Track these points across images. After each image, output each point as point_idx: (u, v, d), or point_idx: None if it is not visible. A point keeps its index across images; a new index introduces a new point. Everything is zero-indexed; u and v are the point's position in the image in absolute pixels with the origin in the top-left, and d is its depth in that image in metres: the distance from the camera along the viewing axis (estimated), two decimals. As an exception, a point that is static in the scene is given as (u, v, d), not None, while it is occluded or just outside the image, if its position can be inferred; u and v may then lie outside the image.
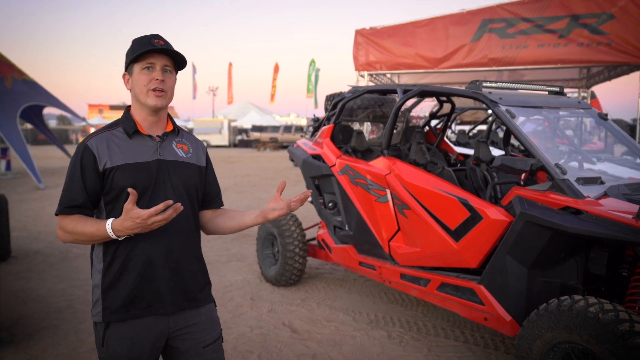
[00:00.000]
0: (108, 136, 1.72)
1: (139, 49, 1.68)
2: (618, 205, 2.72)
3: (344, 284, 5.12)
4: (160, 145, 1.76)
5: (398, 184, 3.66)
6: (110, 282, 1.70)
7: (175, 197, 1.74)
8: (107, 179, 1.67)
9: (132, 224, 1.52)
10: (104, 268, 1.71)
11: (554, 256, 2.90)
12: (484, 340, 3.76)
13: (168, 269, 1.73)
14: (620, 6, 9.95)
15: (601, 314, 2.36)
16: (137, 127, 1.74)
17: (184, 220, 1.77)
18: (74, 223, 1.64)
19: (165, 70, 1.73)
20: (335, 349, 3.67)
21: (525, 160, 2.91)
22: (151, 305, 1.72)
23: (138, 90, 1.71)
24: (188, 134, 1.93)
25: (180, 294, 1.77)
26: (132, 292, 1.69)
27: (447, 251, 3.36)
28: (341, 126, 4.84)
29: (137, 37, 1.76)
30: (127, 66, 1.75)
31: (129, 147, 1.71)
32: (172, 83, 1.76)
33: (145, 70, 1.70)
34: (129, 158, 1.69)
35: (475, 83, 3.45)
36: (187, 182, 1.79)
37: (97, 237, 1.62)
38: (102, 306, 1.70)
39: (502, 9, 10.50)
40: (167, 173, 1.74)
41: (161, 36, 1.75)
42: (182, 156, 1.81)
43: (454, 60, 10.82)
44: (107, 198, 1.70)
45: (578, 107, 3.71)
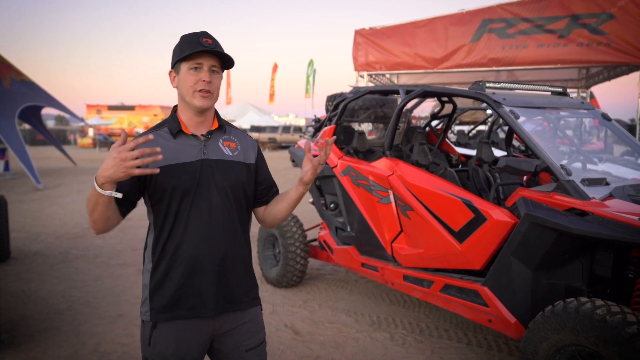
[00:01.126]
0: (155, 137, 1.69)
1: (187, 49, 1.65)
2: (624, 206, 2.70)
3: (346, 285, 5.10)
4: (204, 145, 1.73)
5: (401, 185, 3.64)
6: (157, 282, 1.70)
7: (219, 196, 1.70)
8: (151, 180, 1.65)
9: (108, 160, 1.40)
10: (152, 267, 1.72)
11: (559, 258, 2.89)
12: (487, 342, 3.74)
13: (212, 271, 1.70)
14: (620, 6, 9.94)
15: (608, 316, 2.34)
16: (182, 127, 1.71)
17: (228, 221, 1.74)
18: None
19: (213, 70, 1.70)
20: (338, 351, 3.65)
21: (530, 161, 2.89)
22: (194, 308, 1.70)
23: (184, 90, 1.69)
24: (237, 130, 1.88)
25: (223, 297, 1.74)
26: (176, 294, 1.69)
27: (450, 252, 3.34)
28: (343, 127, 4.82)
29: (186, 34, 1.72)
30: (174, 64, 1.71)
31: (173, 147, 1.69)
32: (218, 84, 1.73)
33: (193, 71, 1.67)
34: (173, 159, 1.66)
35: (479, 83, 3.44)
36: (232, 181, 1.75)
37: (94, 197, 1.49)
38: (150, 305, 1.70)
39: (502, 9, 10.49)
40: (210, 173, 1.70)
41: (210, 34, 1.71)
42: (228, 154, 1.77)
43: (454, 61, 10.82)
44: (153, 200, 1.69)
45: (581, 108, 3.69)
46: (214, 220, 1.70)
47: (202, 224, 1.68)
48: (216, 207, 1.70)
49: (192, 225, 1.68)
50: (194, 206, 1.67)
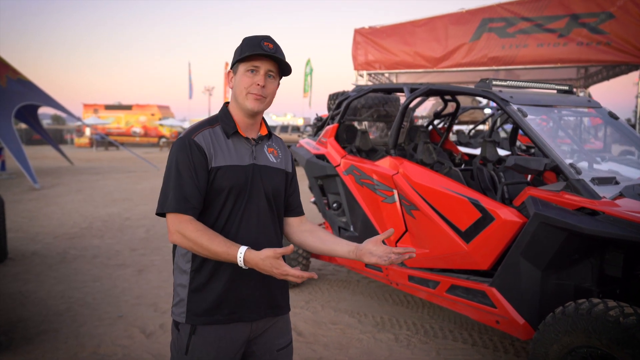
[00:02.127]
0: (211, 133, 1.68)
1: (247, 51, 1.64)
2: (635, 205, 2.66)
3: (348, 286, 5.05)
4: (254, 149, 1.73)
5: (406, 184, 3.59)
6: (198, 284, 1.67)
7: (265, 202, 1.71)
8: (210, 178, 1.64)
9: (267, 269, 1.48)
10: (193, 269, 1.68)
11: (568, 258, 2.84)
12: (492, 343, 3.70)
13: (257, 276, 1.68)
14: (619, 5, 9.91)
15: (622, 317, 2.30)
16: (237, 128, 1.70)
17: (272, 226, 1.75)
18: (198, 234, 1.56)
19: (269, 75, 1.68)
20: (342, 352, 3.60)
21: (539, 160, 2.85)
22: (235, 312, 1.68)
23: (238, 91, 1.68)
24: (277, 137, 1.89)
25: (266, 302, 1.74)
26: (218, 298, 1.66)
27: (457, 253, 3.29)
28: (345, 125, 4.77)
29: (249, 36, 1.71)
30: (233, 64, 1.71)
31: (229, 147, 1.68)
32: (273, 89, 1.71)
33: (249, 73, 1.66)
34: (230, 159, 1.66)
35: (485, 81, 3.39)
36: (276, 188, 1.76)
37: (220, 257, 1.55)
38: (187, 307, 1.67)
39: (502, 8, 10.47)
40: (259, 178, 1.71)
41: (272, 39, 1.70)
42: (273, 161, 1.77)
43: (454, 60, 10.80)
44: (207, 199, 1.66)
45: (588, 106, 3.65)
46: (262, 224, 1.71)
47: (252, 227, 1.69)
48: (263, 211, 1.71)
49: (243, 228, 1.67)
50: (246, 209, 1.66)
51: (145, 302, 4.56)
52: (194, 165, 1.61)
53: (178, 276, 1.73)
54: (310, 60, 27.24)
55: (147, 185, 13.23)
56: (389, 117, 5.23)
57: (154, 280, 5.21)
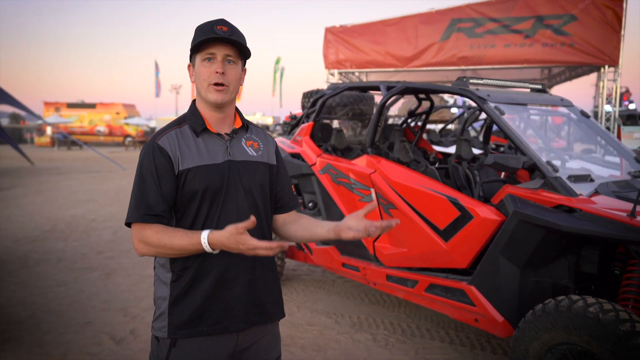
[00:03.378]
0: (177, 134, 1.58)
1: (199, 38, 1.53)
2: (611, 203, 2.70)
3: (323, 286, 5.00)
4: (229, 144, 1.61)
5: (383, 183, 3.56)
6: (179, 294, 1.56)
7: (246, 199, 1.60)
8: (179, 182, 1.54)
9: (233, 246, 1.39)
10: (173, 279, 1.57)
11: (546, 255, 2.86)
12: (469, 341, 3.71)
13: (243, 281, 1.60)
14: (581, 8, 10.18)
15: (601, 314, 2.32)
16: (206, 124, 1.59)
17: (257, 226, 1.61)
18: (158, 235, 1.48)
19: (228, 61, 1.56)
20: (320, 354, 3.54)
21: (518, 158, 2.86)
22: (220, 322, 1.58)
23: (199, 84, 1.57)
24: (257, 128, 1.77)
25: (253, 308, 1.63)
26: (201, 307, 1.56)
27: (435, 251, 3.28)
28: (320, 124, 4.71)
29: (201, 23, 1.59)
30: (190, 57, 1.60)
31: (198, 147, 1.57)
32: (235, 75, 1.58)
33: (206, 62, 1.55)
34: (201, 159, 1.55)
35: (462, 79, 3.39)
36: (258, 183, 1.65)
37: (187, 250, 1.47)
38: (168, 320, 1.56)
39: (470, 9, 10.60)
40: (237, 175, 1.59)
41: (226, 21, 1.57)
42: (252, 155, 1.66)
43: (424, 59, 10.87)
44: (179, 204, 1.56)
45: (561, 105, 3.70)
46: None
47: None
48: (244, 210, 1.59)
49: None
50: (223, 210, 1.56)
51: (114, 307, 4.39)
52: (157, 171, 1.52)
53: (158, 288, 1.62)
54: (280, 59, 27.13)
55: (112, 186, 12.86)
56: (363, 115, 5.20)
57: (123, 284, 5.03)
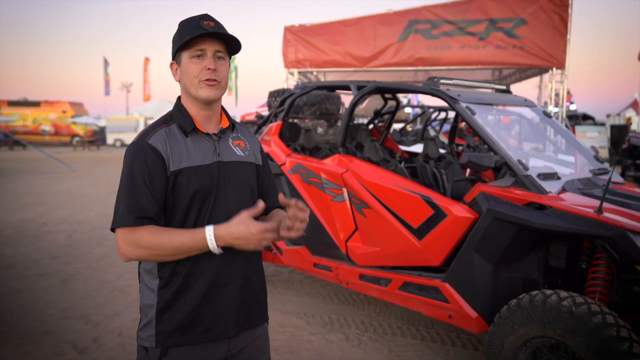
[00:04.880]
0: (167, 134, 1.52)
1: (187, 34, 1.48)
2: (578, 199, 2.80)
3: (291, 287, 4.96)
4: (217, 144, 1.58)
5: (356, 182, 3.57)
6: (167, 303, 1.51)
7: (236, 201, 1.57)
8: (170, 183, 1.49)
9: (244, 234, 1.36)
10: (161, 286, 1.51)
11: (518, 251, 2.94)
12: (440, 337, 3.77)
13: (235, 285, 1.56)
14: (530, 12, 10.60)
15: (574, 307, 2.40)
16: (195, 124, 1.55)
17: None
18: (154, 235, 1.41)
19: (218, 57, 1.53)
20: (294, 355, 3.50)
21: (490, 157, 2.93)
22: (211, 329, 1.54)
23: (188, 81, 1.52)
24: (243, 127, 1.73)
25: (243, 313, 1.60)
26: (191, 314, 1.51)
27: (409, 250, 3.31)
28: (289, 123, 4.66)
29: (184, 19, 1.55)
30: (175, 54, 1.55)
31: (188, 147, 1.52)
32: (225, 71, 1.55)
33: (196, 59, 1.50)
34: (191, 160, 1.50)
35: (433, 80, 3.44)
36: (247, 183, 1.62)
37: (188, 248, 1.42)
38: (156, 329, 1.51)
39: (427, 11, 10.81)
40: (226, 175, 1.56)
41: (211, 16, 1.54)
42: (240, 155, 1.63)
43: (382, 60, 11.00)
44: (167, 206, 1.50)
45: (525, 105, 3.82)
46: None
47: None
48: (234, 212, 1.53)
49: None
50: (213, 213, 1.52)
51: (74, 314, 4.19)
52: (149, 172, 1.46)
53: (145, 296, 1.56)
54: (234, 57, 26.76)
55: (62, 188, 12.31)
56: (330, 114, 5.20)
57: (81, 290, 4.81)
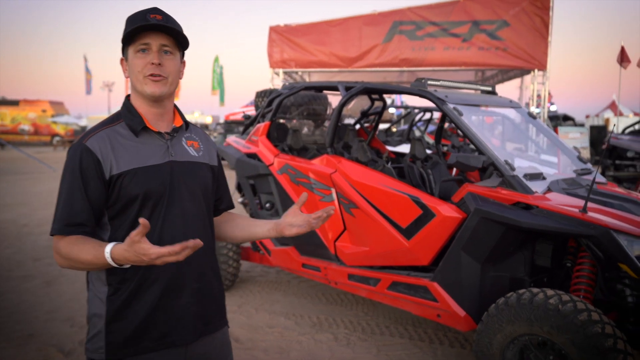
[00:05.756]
0: (110, 134, 1.46)
1: (129, 27, 1.42)
2: (563, 199, 2.86)
3: (279, 287, 4.96)
4: (170, 144, 1.52)
5: (345, 183, 3.58)
6: (117, 311, 1.44)
7: (191, 203, 1.53)
8: (113, 188, 1.42)
9: (136, 259, 1.26)
10: (110, 293, 1.45)
11: (505, 250, 2.99)
12: (428, 336, 3.81)
13: (190, 290, 1.51)
14: (512, 14, 10.75)
15: (560, 305, 2.45)
16: (145, 122, 1.49)
17: (202, 229, 1.57)
18: (69, 247, 1.37)
19: (165, 51, 1.46)
20: (283, 356, 3.51)
21: (478, 158, 2.97)
22: (166, 336, 1.48)
23: (134, 77, 1.47)
24: (197, 128, 1.68)
25: (200, 318, 1.55)
26: (144, 322, 1.45)
27: (397, 250, 3.34)
28: (276, 124, 4.66)
29: (133, 13, 1.49)
30: (123, 49, 1.50)
31: (136, 147, 1.46)
32: (173, 66, 1.48)
33: (140, 53, 1.45)
34: (139, 161, 1.44)
35: (421, 81, 3.47)
36: (202, 185, 1.58)
37: (95, 265, 1.35)
38: (106, 340, 1.45)
39: (411, 12, 10.90)
40: (180, 176, 1.51)
41: (160, 9, 1.48)
42: (194, 155, 1.58)
43: (367, 60, 11.06)
44: (112, 211, 1.45)
45: (510, 106, 3.88)
46: (189, 230, 1.51)
47: (177, 235, 1.47)
48: (189, 214, 1.52)
49: (166, 238, 1.45)
50: (167, 215, 1.47)
51: (60, 317, 4.13)
52: (82, 176, 1.41)
53: (92, 305, 1.50)
54: (218, 57, 26.63)
55: (44, 188, 12.10)
56: (317, 115, 5.22)
57: (67, 292, 4.75)
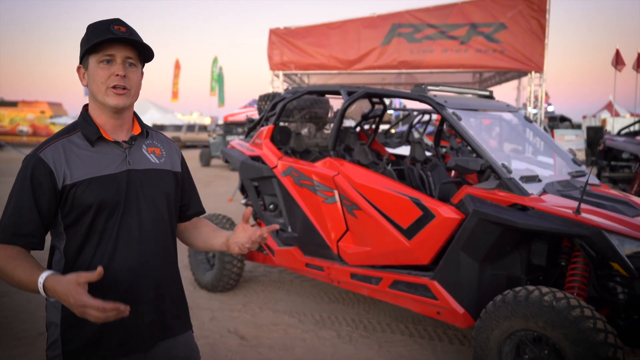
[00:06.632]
0: (65, 145, 1.47)
1: (94, 38, 1.42)
2: (557, 201, 2.98)
3: (282, 286, 5.07)
4: (128, 152, 1.53)
5: (347, 185, 3.70)
6: (71, 319, 1.42)
7: (149, 211, 1.54)
8: (67, 198, 1.44)
9: (66, 299, 1.26)
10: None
11: (502, 250, 3.11)
12: (428, 333, 3.92)
13: (147, 298, 1.52)
14: (509, 17, 10.89)
15: (555, 302, 2.56)
16: (101, 132, 1.49)
17: (161, 238, 1.58)
18: (7, 259, 1.38)
19: (129, 64, 1.48)
20: (287, 353, 3.62)
21: (476, 161, 3.09)
22: (123, 344, 1.50)
23: (95, 87, 1.46)
24: (158, 133, 1.68)
25: (158, 325, 1.57)
26: (100, 330, 1.45)
27: (399, 249, 3.45)
28: (279, 127, 4.78)
29: (94, 22, 1.50)
30: (82, 57, 1.49)
31: (92, 157, 1.47)
32: (136, 79, 1.50)
33: (104, 64, 1.45)
34: (94, 171, 1.46)
35: (421, 86, 3.59)
36: (162, 192, 1.58)
37: (26, 287, 1.36)
38: (62, 349, 1.47)
39: (410, 15, 11.03)
40: (139, 185, 1.52)
41: (122, 21, 1.49)
42: (154, 162, 1.58)
43: (366, 63, 11.17)
44: (68, 220, 1.46)
45: (507, 110, 4.00)
46: (146, 238, 1.53)
47: (133, 244, 1.50)
48: (147, 223, 1.54)
49: (121, 247, 1.48)
50: (123, 224, 1.48)
51: (68, 316, 4.23)
52: (33, 186, 1.42)
53: (49, 312, 1.52)
54: (217, 57, 26.70)
55: (45, 189, 12.18)
56: (318, 118, 5.33)
57: (74, 292, 4.84)
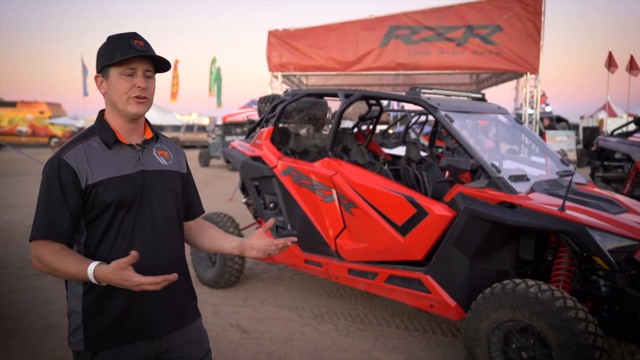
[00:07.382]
0: (85, 148, 1.59)
1: (118, 52, 1.55)
2: (544, 199, 3.14)
3: (282, 282, 5.22)
4: (141, 155, 1.67)
5: (344, 184, 3.85)
6: (92, 307, 1.58)
7: (160, 209, 1.67)
8: (89, 197, 1.57)
9: (118, 282, 1.41)
10: (85, 291, 1.59)
11: (491, 246, 3.27)
12: (422, 326, 4.08)
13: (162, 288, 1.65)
14: (505, 19, 11.05)
15: (539, 293, 2.72)
16: (117, 136, 1.63)
17: (171, 233, 1.72)
18: (51, 256, 1.50)
19: (147, 76, 1.62)
20: (288, 345, 3.77)
21: (467, 161, 3.24)
22: (139, 330, 1.63)
23: (117, 97, 1.60)
24: (166, 138, 1.83)
25: (171, 314, 1.70)
26: (118, 317, 1.59)
27: (394, 246, 3.61)
28: (279, 128, 4.93)
29: (113, 34, 1.62)
30: (102, 68, 1.61)
31: (109, 159, 1.60)
32: (153, 89, 1.66)
33: (126, 77, 1.58)
34: (112, 171, 1.59)
35: (415, 89, 3.75)
36: (171, 192, 1.72)
37: (75, 278, 1.49)
38: (84, 334, 1.59)
39: (407, 17, 11.19)
40: (151, 184, 1.66)
41: (140, 35, 1.62)
42: (164, 164, 1.73)
43: (364, 64, 11.33)
44: (89, 217, 1.59)
45: (499, 112, 4.16)
46: (159, 233, 1.67)
47: (147, 238, 1.64)
48: (159, 219, 1.67)
49: (136, 241, 1.61)
50: (137, 221, 1.62)
51: (76, 310, 4.37)
52: (62, 187, 1.54)
53: (71, 302, 1.64)
54: (216, 58, 26.82)
55: (46, 189, 12.30)
56: (317, 120, 5.48)
57: (80, 288, 4.99)
